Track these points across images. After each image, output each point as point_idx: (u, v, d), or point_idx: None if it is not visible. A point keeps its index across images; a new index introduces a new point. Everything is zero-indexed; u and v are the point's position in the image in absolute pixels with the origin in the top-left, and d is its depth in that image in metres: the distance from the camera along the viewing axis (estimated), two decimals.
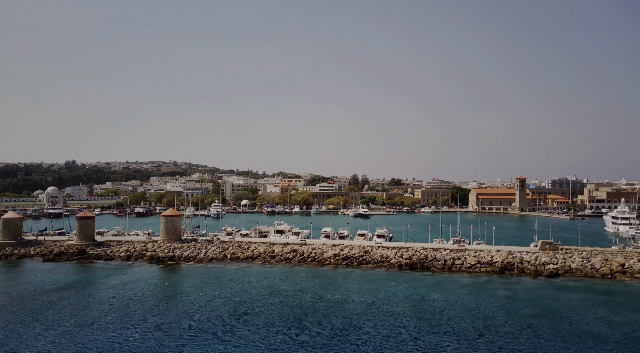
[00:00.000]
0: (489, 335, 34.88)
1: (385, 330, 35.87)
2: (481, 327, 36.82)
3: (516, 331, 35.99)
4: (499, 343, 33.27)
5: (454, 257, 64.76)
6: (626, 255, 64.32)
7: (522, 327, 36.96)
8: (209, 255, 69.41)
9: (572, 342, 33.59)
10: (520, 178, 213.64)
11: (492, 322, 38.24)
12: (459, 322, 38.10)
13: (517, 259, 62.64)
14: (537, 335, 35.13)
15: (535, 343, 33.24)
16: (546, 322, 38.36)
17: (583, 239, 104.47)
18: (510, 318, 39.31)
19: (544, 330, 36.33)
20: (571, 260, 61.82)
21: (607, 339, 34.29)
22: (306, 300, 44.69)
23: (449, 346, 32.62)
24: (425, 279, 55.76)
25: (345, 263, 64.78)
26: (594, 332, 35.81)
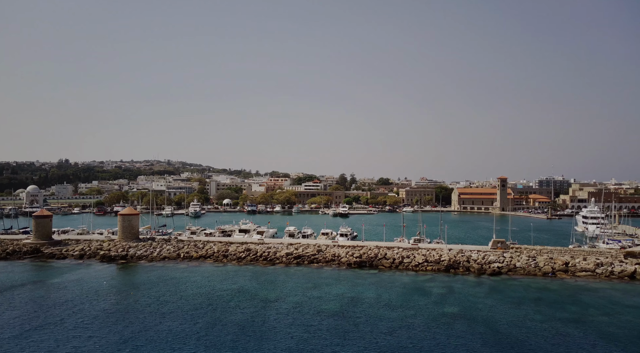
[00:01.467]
0: (397, 333, 35.10)
1: (297, 329, 36.01)
2: (395, 325, 37.06)
3: (426, 329, 36.25)
4: (402, 340, 33.54)
5: (403, 256, 65.13)
6: (573, 254, 65.01)
7: (436, 325, 37.21)
8: (162, 254, 69.34)
9: (473, 340, 33.93)
10: (501, 178, 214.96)
11: (408, 320, 38.42)
12: (374, 320, 38.30)
13: (464, 258, 63.10)
14: (446, 332, 35.44)
15: (438, 341, 33.53)
16: (463, 320, 38.63)
17: (548, 238, 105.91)
18: (430, 316, 39.54)
19: (455, 327, 36.62)
20: (517, 259, 62.37)
21: (512, 336, 34.67)
22: (235, 300, 44.73)
23: (351, 344, 32.85)
24: (367, 277, 56.04)
25: (297, 262, 64.99)
26: (501, 330, 36.16)
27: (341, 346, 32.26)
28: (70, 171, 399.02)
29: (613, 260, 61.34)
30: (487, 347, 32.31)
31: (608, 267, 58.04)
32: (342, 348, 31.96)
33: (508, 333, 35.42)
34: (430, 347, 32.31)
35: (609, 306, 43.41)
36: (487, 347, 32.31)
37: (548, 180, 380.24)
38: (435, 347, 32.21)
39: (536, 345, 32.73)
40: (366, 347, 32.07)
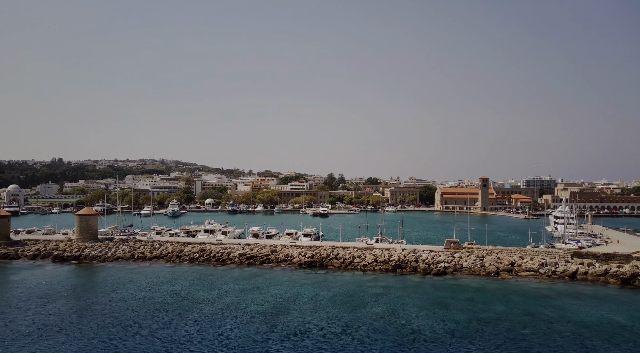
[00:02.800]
0: (309, 335, 35.44)
1: (209, 333, 36.25)
2: (312, 325, 37.37)
3: (341, 330, 36.60)
4: (309, 341, 33.87)
5: (354, 256, 65.53)
6: (523, 254, 65.67)
7: (354, 325, 37.56)
8: (117, 255, 69.29)
9: (382, 341, 34.32)
10: (482, 178, 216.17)
11: (328, 321, 38.75)
12: (294, 321, 38.55)
13: (413, 258, 63.58)
14: (359, 333, 35.81)
15: (344, 343, 33.88)
16: (383, 320, 38.98)
17: (515, 238, 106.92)
18: (352, 317, 39.86)
19: (371, 327, 36.99)
20: (465, 259, 62.95)
21: (423, 336, 35.07)
22: (165, 301, 44.81)
23: (262, 342, 33.15)
24: (313, 278, 56.33)
25: (248, 262, 65.17)
26: (416, 330, 36.56)
27: (243, 349, 32.49)
28: (59, 170, 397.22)
29: (559, 260, 62.07)
30: (394, 347, 32.69)
31: (551, 267, 58.71)
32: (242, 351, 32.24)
33: (422, 333, 35.78)
34: (334, 348, 32.65)
35: (534, 306, 43.86)
36: (394, 347, 32.69)
37: (535, 180, 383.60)
38: (340, 349, 32.56)
39: (445, 344, 33.17)
40: (265, 349, 32.36)
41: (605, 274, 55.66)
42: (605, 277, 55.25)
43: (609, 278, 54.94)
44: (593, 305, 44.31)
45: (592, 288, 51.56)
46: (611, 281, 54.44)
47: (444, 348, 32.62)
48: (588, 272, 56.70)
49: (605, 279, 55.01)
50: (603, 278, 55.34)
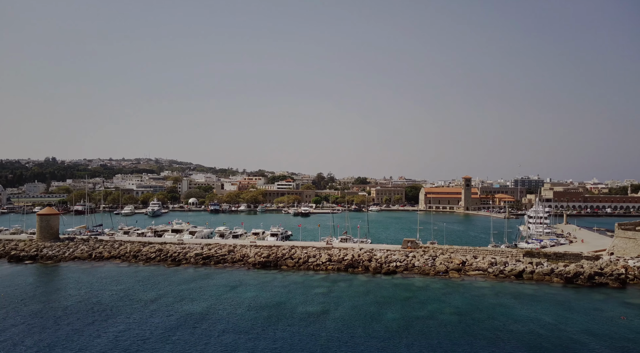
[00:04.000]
0: (227, 335, 35.70)
1: (142, 330, 36.43)
2: (241, 325, 37.62)
3: (266, 329, 36.88)
4: (229, 341, 34.11)
5: (309, 255, 65.81)
6: (477, 254, 66.22)
7: (280, 325, 37.85)
8: (74, 255, 69.21)
9: (302, 339, 34.61)
10: (465, 178, 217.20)
11: (257, 321, 39.01)
12: (220, 323, 38.76)
13: (367, 257, 63.96)
14: (283, 333, 36.10)
15: (258, 344, 34.15)
16: (312, 319, 39.25)
17: (483, 237, 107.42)
18: (281, 316, 40.14)
19: (297, 327, 37.27)
20: (418, 259, 63.40)
21: (346, 334, 35.40)
22: (102, 301, 44.93)
23: (174, 343, 33.35)
24: (261, 278, 56.50)
25: (203, 262, 65.28)
26: (339, 329, 36.89)
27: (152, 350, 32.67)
28: (50, 169, 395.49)
29: (510, 259, 62.66)
30: (308, 347, 32.99)
31: (500, 267, 59.27)
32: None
33: (343, 332, 36.08)
34: (247, 348, 32.91)
35: (467, 304, 44.18)
36: (308, 347, 32.99)
37: (524, 179, 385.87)
38: (254, 349, 32.82)
39: (364, 342, 33.49)
40: (183, 350, 32.57)
41: (551, 273, 56.27)
42: (550, 276, 55.85)
43: (554, 277, 55.54)
44: (527, 304, 44.79)
45: (534, 287, 52.11)
46: (555, 280, 55.04)
47: (361, 346, 32.96)
48: (535, 271, 57.29)
49: (550, 278, 55.61)
50: (548, 277, 55.95)
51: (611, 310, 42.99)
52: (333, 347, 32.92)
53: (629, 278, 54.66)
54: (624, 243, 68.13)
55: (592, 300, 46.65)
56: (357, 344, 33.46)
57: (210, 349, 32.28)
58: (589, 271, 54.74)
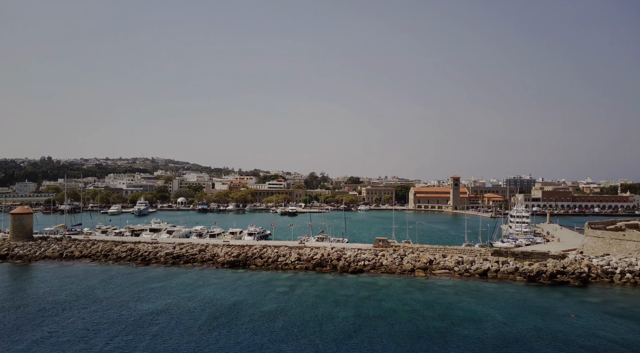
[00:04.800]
0: (171, 334, 35.80)
1: (85, 330, 36.47)
2: (189, 324, 37.70)
3: (210, 328, 36.99)
4: (171, 340, 34.21)
5: (279, 254, 65.92)
6: (446, 253, 66.50)
7: (230, 324, 37.96)
8: (45, 254, 69.07)
9: (248, 337, 34.74)
10: (454, 177, 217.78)
11: (206, 320, 39.12)
12: (174, 320, 38.89)
13: (336, 256, 64.14)
14: (230, 332, 36.21)
15: (197, 344, 34.26)
16: (265, 318, 39.34)
17: (462, 237, 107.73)
18: (236, 315, 40.27)
19: (244, 327, 37.40)
20: (386, 258, 63.63)
21: (294, 332, 35.56)
22: (59, 300, 44.89)
23: (115, 342, 33.41)
24: (227, 277, 56.56)
25: (173, 262, 65.30)
26: (284, 326, 37.06)
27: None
28: (43, 169, 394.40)
29: (477, 258, 62.97)
30: (257, 344, 33.13)
31: (466, 265, 59.58)
32: None
33: (294, 330, 36.21)
34: (192, 348, 33.02)
35: (423, 302, 44.31)
36: (256, 344, 33.13)
37: (516, 179, 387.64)
38: (196, 348, 32.93)
39: (311, 340, 33.66)
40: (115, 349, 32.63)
41: (515, 272, 56.61)
42: (514, 275, 56.19)
43: (517, 276, 55.87)
44: (483, 302, 44.99)
45: (496, 286, 52.39)
46: (518, 279, 55.37)
47: (305, 345, 33.11)
48: (500, 269, 57.62)
49: (514, 277, 55.95)
50: (512, 276, 56.29)
51: (564, 308, 43.32)
52: (276, 346, 33.06)
53: (591, 277, 55.06)
54: (593, 242, 68.62)
55: (548, 298, 46.98)
56: (301, 343, 33.59)
57: (149, 349, 32.32)
58: (551, 270, 55.11)
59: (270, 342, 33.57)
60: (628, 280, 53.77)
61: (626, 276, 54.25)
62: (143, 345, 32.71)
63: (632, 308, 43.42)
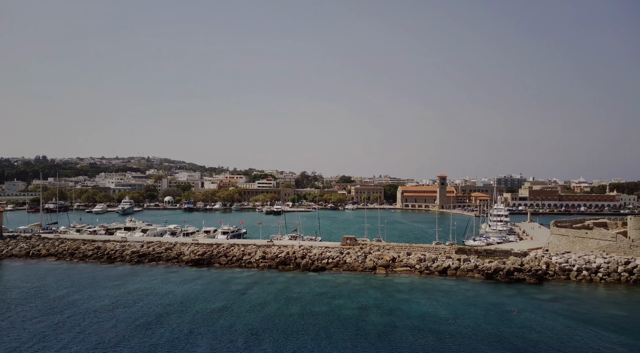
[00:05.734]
0: (120, 329, 35.93)
1: (13, 328, 36.52)
2: (135, 321, 37.82)
3: (154, 325, 37.15)
4: (114, 337, 34.34)
5: (244, 253, 66.10)
6: (411, 251, 66.88)
7: (185, 321, 38.15)
8: (11, 252, 68.91)
9: (184, 335, 34.92)
10: (440, 176, 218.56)
11: (150, 319, 39.27)
12: (117, 317, 39.05)
13: (300, 254, 64.37)
14: (165, 328, 36.38)
15: (129, 342, 34.40)
16: (207, 315, 39.54)
17: (438, 235, 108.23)
18: (184, 311, 40.46)
19: (187, 324, 37.58)
20: (350, 256, 63.91)
21: (237, 329, 35.77)
22: (7, 299, 44.95)
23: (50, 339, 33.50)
24: (188, 275, 56.65)
25: (138, 260, 65.27)
26: (233, 324, 37.27)
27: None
28: (36, 168, 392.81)
29: (441, 255, 63.39)
30: (195, 340, 33.31)
31: (428, 263, 59.98)
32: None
33: (236, 327, 36.42)
34: (130, 345, 33.17)
35: (372, 299, 44.59)
36: (195, 340, 33.31)
37: (506, 178, 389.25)
38: (125, 346, 33.07)
39: (253, 336, 33.86)
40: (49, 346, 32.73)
41: (474, 269, 57.06)
42: (473, 272, 56.64)
43: (476, 273, 56.32)
44: (434, 299, 45.21)
45: (453, 283, 52.72)
46: (477, 276, 55.82)
47: (243, 341, 33.33)
48: (460, 267, 58.02)
49: (473, 274, 56.41)
50: (471, 273, 56.72)
51: (511, 304, 43.69)
52: (217, 342, 33.24)
53: (548, 274, 55.55)
54: (558, 240, 69.22)
55: (499, 295, 47.39)
56: (237, 342, 33.79)
57: (74, 347, 32.37)
58: (508, 267, 55.56)
59: (206, 341, 33.74)
60: (584, 277, 54.35)
61: (582, 273, 54.81)
62: (61, 345, 32.82)
63: (577, 304, 43.88)
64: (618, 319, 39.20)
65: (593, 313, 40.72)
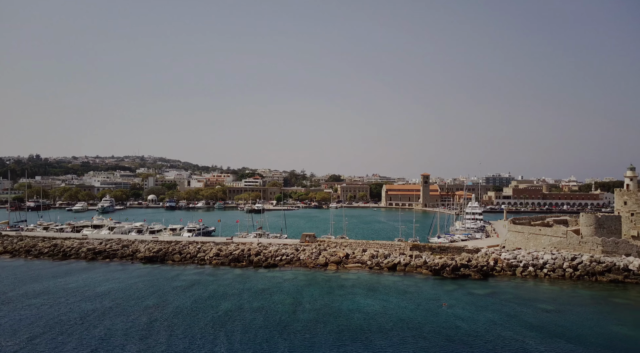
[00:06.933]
0: (40, 324, 35.88)
1: None
2: (63, 317, 37.77)
3: (84, 320, 37.12)
4: (40, 330, 34.28)
5: (199, 250, 66.10)
6: (367, 247, 67.09)
7: (114, 315, 38.10)
8: None
9: (118, 330, 34.91)
10: (423, 175, 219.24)
11: (85, 315, 39.23)
12: (43, 311, 39.00)
13: (255, 251, 64.40)
14: (96, 324, 36.35)
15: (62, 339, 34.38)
16: (146, 310, 39.56)
17: (411, 233, 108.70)
18: (114, 307, 40.43)
19: (118, 318, 37.56)
20: (304, 252, 64.04)
21: (166, 324, 35.80)
22: None
23: None
24: (136, 272, 56.55)
25: (92, 257, 65.04)
26: (158, 319, 37.28)
27: None
28: (26, 166, 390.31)
29: (395, 252, 63.65)
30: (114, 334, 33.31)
31: (380, 259, 60.20)
32: None
33: (158, 322, 36.42)
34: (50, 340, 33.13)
35: (308, 295, 44.69)
36: (114, 334, 33.31)
37: (494, 177, 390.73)
38: (38, 343, 33.04)
39: (176, 331, 33.89)
40: None
41: (423, 265, 57.33)
42: (421, 268, 56.91)
43: (424, 269, 56.59)
44: (371, 295, 45.28)
45: (398, 279, 52.91)
46: (424, 272, 56.09)
47: (159, 335, 33.37)
48: (410, 263, 58.30)
49: (421, 270, 56.69)
50: (420, 269, 56.96)
51: (448, 299, 43.96)
52: (134, 337, 33.28)
53: (495, 270, 55.99)
54: (514, 237, 69.70)
55: (439, 290, 47.66)
56: (151, 338, 33.83)
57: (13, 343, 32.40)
58: (455, 263, 55.91)
59: (125, 336, 33.74)
60: (529, 273, 54.81)
61: (528, 269, 55.25)
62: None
63: (511, 299, 44.19)
64: (543, 314, 39.52)
65: (521, 308, 41.05)
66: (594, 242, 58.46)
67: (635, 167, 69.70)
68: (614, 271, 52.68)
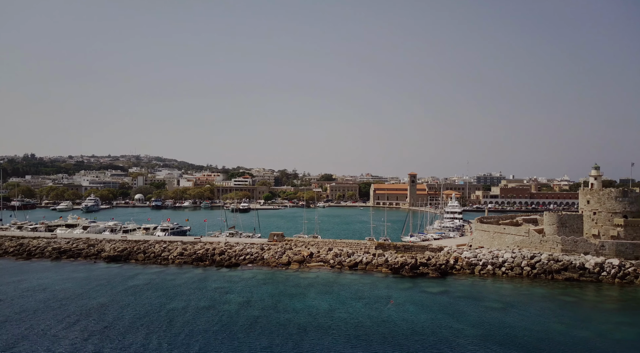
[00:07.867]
0: None
1: None
2: None
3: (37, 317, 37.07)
4: None
5: (165, 249, 66.02)
6: (333, 246, 67.24)
7: (57, 314, 38.05)
8: None
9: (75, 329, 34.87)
10: (410, 174, 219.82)
11: (17, 312, 39.17)
12: None
13: (219, 251, 64.41)
14: (39, 320, 36.29)
15: None
16: (92, 309, 39.51)
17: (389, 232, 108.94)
18: (62, 305, 40.37)
19: (64, 316, 37.51)
20: (269, 251, 64.10)
21: (122, 324, 35.78)
22: None
23: None
24: (96, 271, 56.39)
25: (57, 256, 64.79)
26: (101, 318, 37.26)
27: None
28: (18, 166, 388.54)
29: (359, 251, 63.82)
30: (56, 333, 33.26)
31: (343, 258, 60.32)
32: None
33: (100, 322, 36.45)
34: None
35: (260, 294, 44.72)
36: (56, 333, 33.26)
37: (486, 176, 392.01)
38: None
39: (125, 330, 33.88)
40: None
41: (383, 264, 57.50)
42: (382, 267, 57.06)
43: (384, 267, 56.75)
44: (323, 293, 45.33)
45: (358, 277, 53.08)
46: (384, 270, 56.22)
47: (98, 335, 33.35)
48: (371, 262, 58.50)
49: (381, 269, 56.83)
50: (380, 267, 57.10)
51: (398, 297, 44.09)
52: (76, 336, 33.25)
53: (455, 269, 56.26)
54: (480, 236, 70.04)
55: (393, 289, 47.82)
56: (95, 336, 33.81)
57: None
58: (414, 262, 56.14)
59: (54, 336, 33.71)
60: (488, 271, 55.10)
61: (487, 268, 55.55)
62: None
63: (460, 297, 44.40)
64: (486, 312, 39.74)
65: (467, 306, 41.26)
66: (554, 241, 58.86)
67: (600, 166, 70.18)
68: (570, 269, 53.07)
